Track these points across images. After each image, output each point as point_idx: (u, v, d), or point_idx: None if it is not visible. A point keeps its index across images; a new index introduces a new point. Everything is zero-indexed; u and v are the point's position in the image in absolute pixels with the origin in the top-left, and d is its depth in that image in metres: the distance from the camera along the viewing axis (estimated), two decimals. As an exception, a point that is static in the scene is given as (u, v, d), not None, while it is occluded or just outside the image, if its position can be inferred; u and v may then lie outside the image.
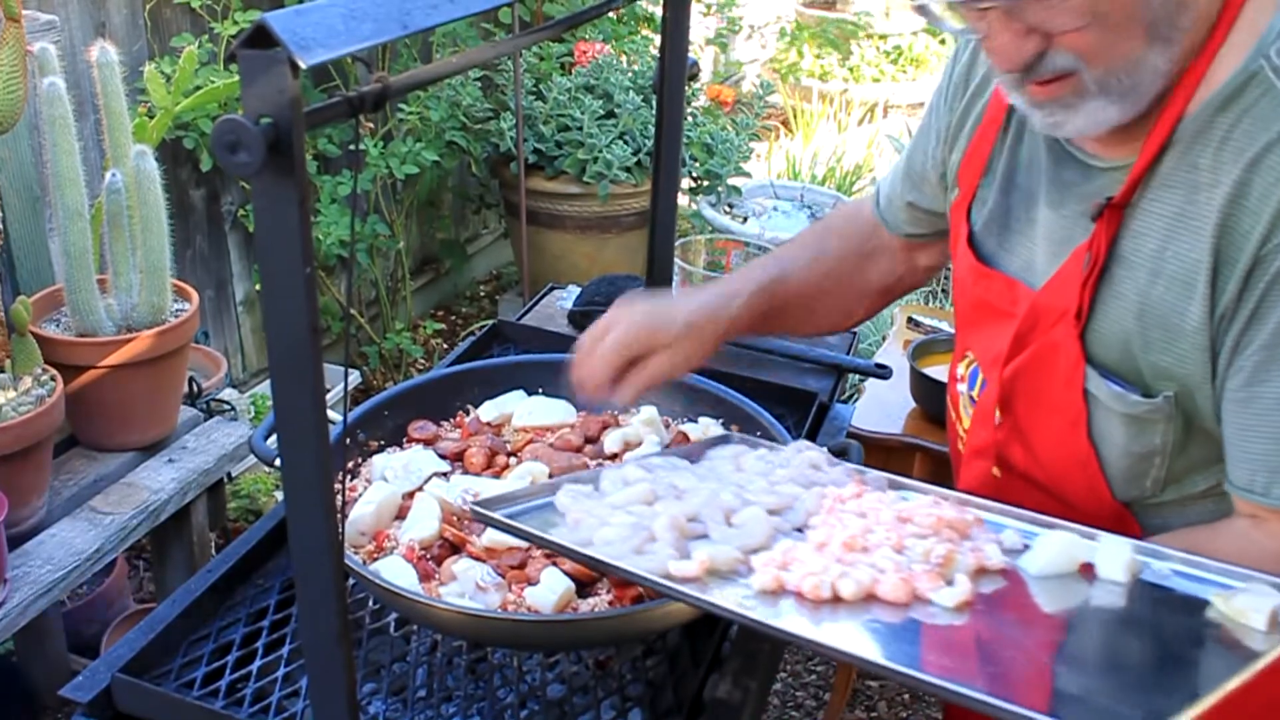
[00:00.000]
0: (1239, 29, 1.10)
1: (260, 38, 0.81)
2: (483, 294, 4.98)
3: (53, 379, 2.00)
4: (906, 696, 2.93)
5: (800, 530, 1.22)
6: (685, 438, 1.65)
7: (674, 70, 1.68)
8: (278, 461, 0.99)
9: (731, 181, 4.30)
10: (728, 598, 1.11)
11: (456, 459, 1.59)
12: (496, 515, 1.26)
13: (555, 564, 1.36)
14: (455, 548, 1.41)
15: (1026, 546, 1.17)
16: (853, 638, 1.04)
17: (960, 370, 1.46)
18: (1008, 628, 1.06)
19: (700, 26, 5.53)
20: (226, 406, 2.51)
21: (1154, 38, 1.09)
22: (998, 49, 1.13)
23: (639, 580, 1.15)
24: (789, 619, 1.07)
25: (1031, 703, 0.90)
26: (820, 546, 1.15)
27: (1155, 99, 1.14)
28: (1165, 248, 1.14)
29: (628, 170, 3.96)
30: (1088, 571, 1.13)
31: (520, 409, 1.67)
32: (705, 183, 4.25)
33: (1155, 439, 1.22)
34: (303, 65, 0.81)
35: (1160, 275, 1.15)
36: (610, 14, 4.49)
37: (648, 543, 1.19)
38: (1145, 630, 1.07)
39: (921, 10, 1.15)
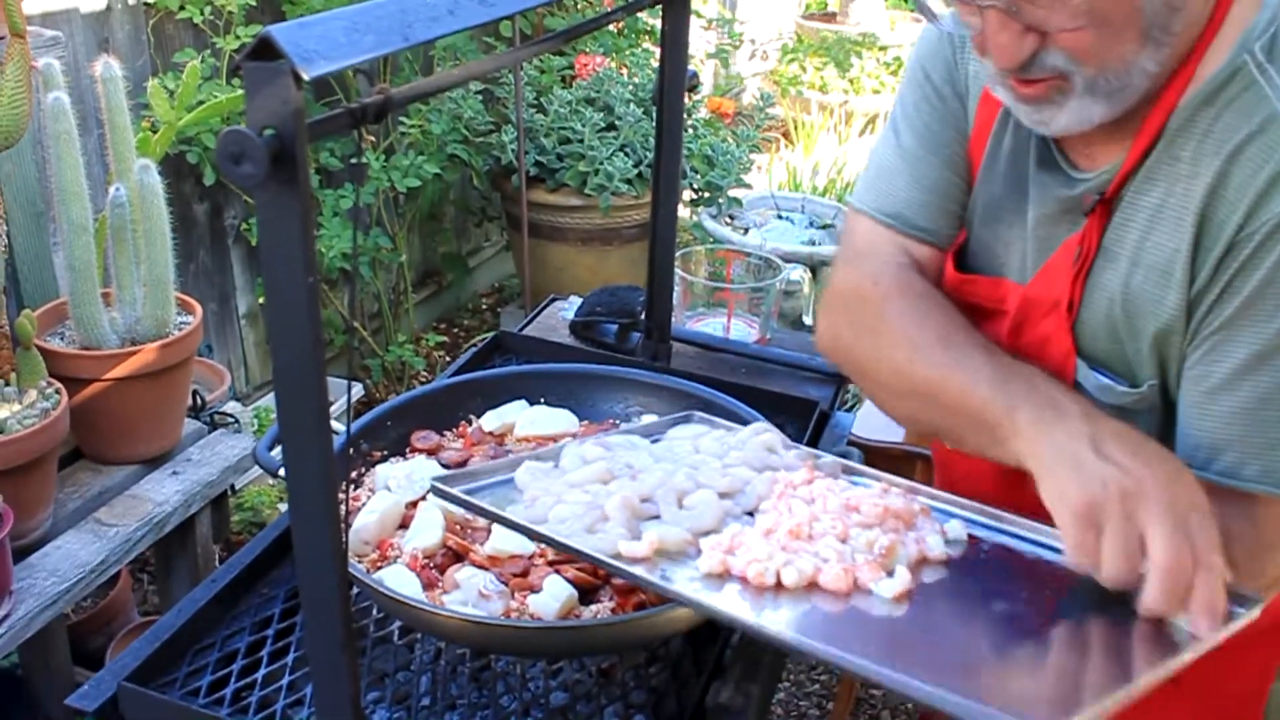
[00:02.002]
0: (1226, 26, 1.12)
1: (264, 50, 0.82)
2: (485, 306, 4.99)
3: (57, 392, 2.01)
4: (910, 706, 2.93)
5: (750, 514, 1.25)
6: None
7: (673, 82, 1.70)
8: (282, 472, 1.00)
9: (732, 193, 4.32)
10: (674, 579, 1.15)
11: (459, 468, 1.60)
12: (454, 491, 1.29)
13: (558, 571, 1.37)
14: (458, 556, 1.42)
15: (972, 537, 1.20)
16: (789, 624, 1.08)
17: None
18: (943, 618, 1.10)
19: (702, 40, 5.55)
20: (230, 419, 2.52)
21: (1147, 40, 1.10)
22: (995, 47, 1.13)
23: (589, 559, 1.19)
24: (730, 603, 1.12)
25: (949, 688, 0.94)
26: (767, 533, 1.19)
27: (1141, 98, 1.15)
28: (1146, 238, 1.16)
29: (629, 182, 3.98)
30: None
31: (522, 419, 1.68)
32: (706, 194, 4.26)
33: (1140, 429, 1.22)
34: (306, 77, 0.82)
35: (1140, 265, 1.17)
36: (610, 27, 4.52)
37: (600, 522, 1.23)
38: (1076, 623, 1.10)
39: (920, 7, 1.16)
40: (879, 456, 2.45)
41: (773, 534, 1.18)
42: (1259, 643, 1.24)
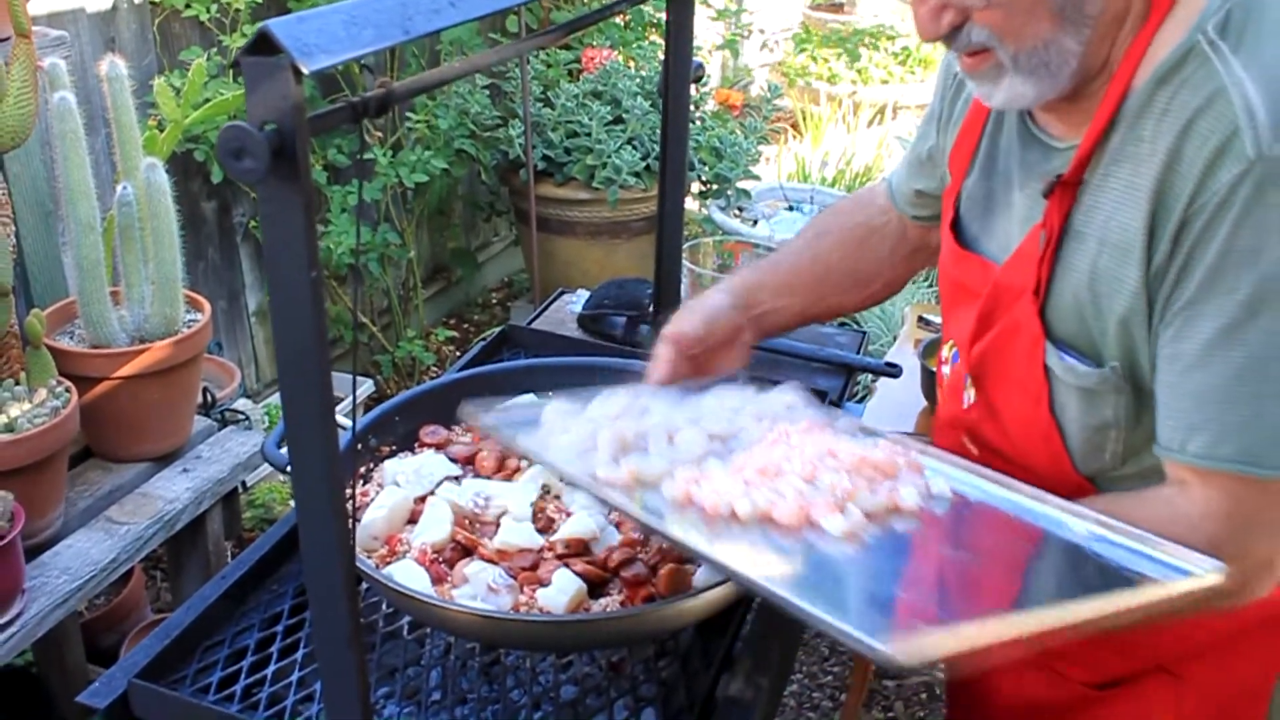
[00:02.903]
0: (1181, 7, 1.13)
1: (264, 45, 0.82)
2: (494, 301, 4.99)
3: (67, 391, 2.01)
4: (924, 695, 2.92)
5: None
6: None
7: (678, 73, 1.69)
8: (290, 468, 1.00)
9: (741, 185, 4.31)
10: (638, 503, 1.19)
11: (468, 463, 1.60)
12: (483, 416, 1.39)
13: (567, 565, 1.37)
14: (467, 551, 1.42)
15: (958, 494, 1.22)
16: (736, 552, 1.12)
17: (944, 353, 1.47)
18: (887, 560, 1.12)
19: (711, 32, 5.54)
20: (240, 416, 2.52)
21: (1063, 20, 1.13)
22: (916, 19, 1.19)
23: (565, 476, 1.26)
24: (682, 528, 1.16)
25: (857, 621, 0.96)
26: (737, 469, 1.22)
27: (1098, 78, 1.18)
28: (1111, 218, 1.16)
29: (636, 175, 3.97)
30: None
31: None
32: (715, 186, 4.25)
33: (1108, 411, 1.23)
34: (305, 71, 0.82)
35: (1106, 244, 1.17)
36: (617, 20, 4.51)
37: (590, 451, 1.26)
38: (1034, 581, 1.13)
39: None
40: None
41: (741, 470, 1.21)
42: (1260, 639, 1.24)
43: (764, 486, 1.19)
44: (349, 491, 1.02)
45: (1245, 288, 1.05)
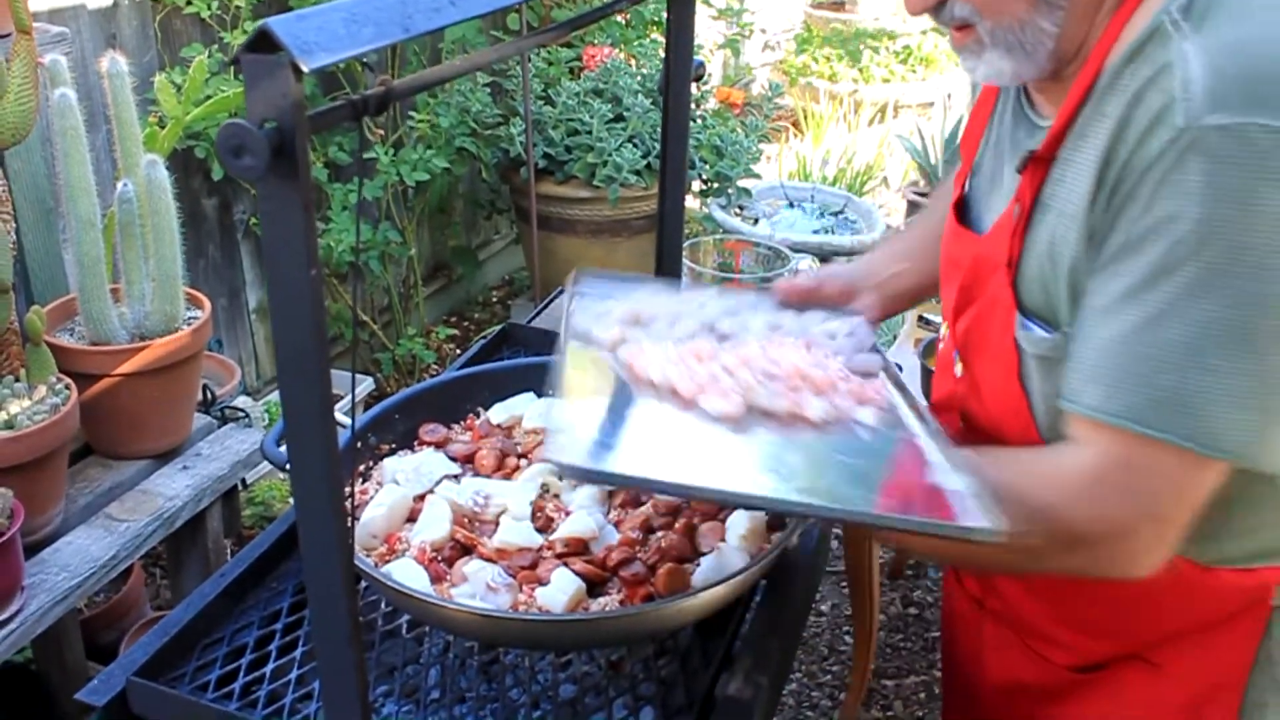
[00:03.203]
0: None
1: (263, 42, 0.82)
2: (495, 299, 4.99)
3: (67, 388, 2.01)
4: (923, 695, 2.92)
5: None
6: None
7: (679, 71, 1.69)
8: (289, 466, 1.00)
9: (742, 183, 4.31)
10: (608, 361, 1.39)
11: (467, 461, 1.60)
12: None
13: (566, 564, 1.37)
14: (466, 549, 1.42)
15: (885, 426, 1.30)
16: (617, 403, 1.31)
17: (942, 332, 1.49)
18: (745, 443, 1.24)
19: (712, 31, 5.54)
20: (240, 413, 2.52)
21: (1038, 2, 1.17)
22: None
23: (568, 328, 1.45)
24: (597, 377, 1.35)
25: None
26: (678, 350, 1.38)
27: (1076, 58, 1.20)
28: (1070, 189, 1.18)
29: (637, 174, 3.97)
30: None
31: (531, 411, 1.68)
32: (715, 185, 4.25)
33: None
34: (305, 69, 0.82)
35: (1063, 215, 1.18)
36: (618, 18, 4.51)
37: (605, 315, 1.48)
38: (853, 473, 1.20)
39: None
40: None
41: (684, 353, 1.37)
42: (1231, 631, 1.24)
43: (683, 365, 1.33)
44: (348, 489, 1.02)
45: (1156, 251, 1.05)
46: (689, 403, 1.28)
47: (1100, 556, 1.14)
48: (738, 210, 4.47)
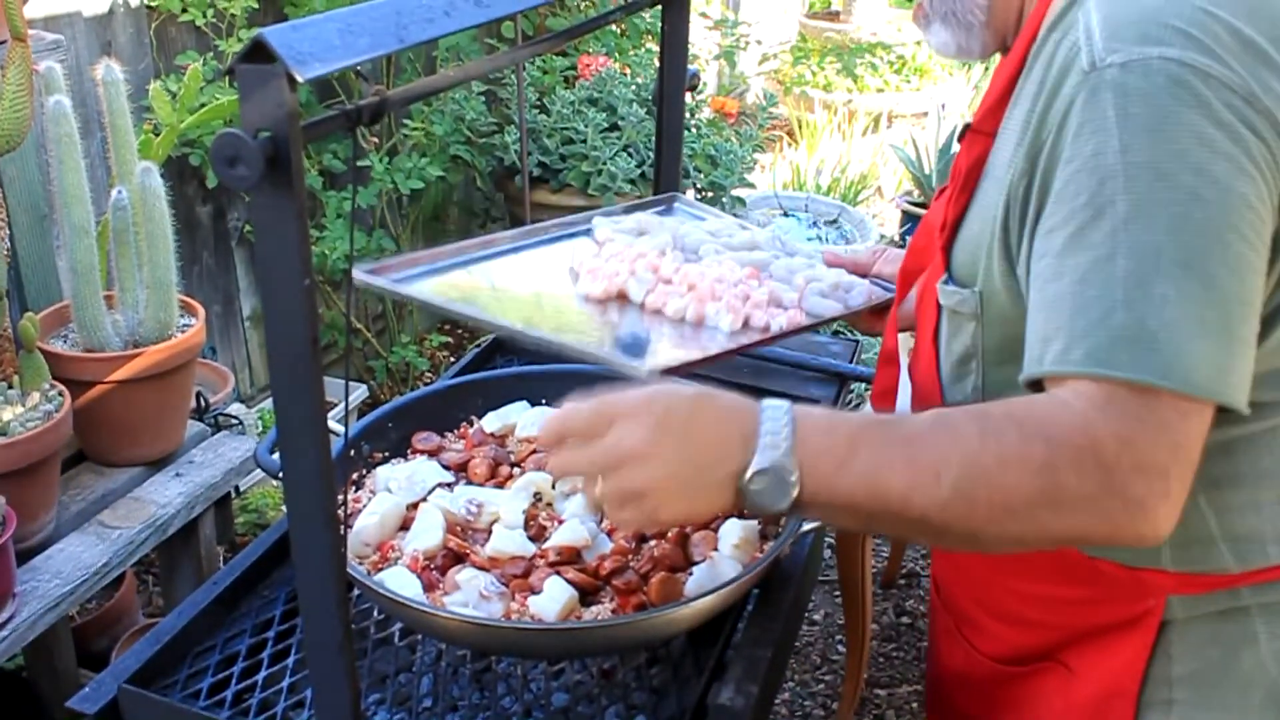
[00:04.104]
0: None
1: (258, 53, 0.83)
2: (489, 307, 4.98)
3: (60, 394, 2.01)
4: (915, 705, 2.92)
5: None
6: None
7: (673, 81, 1.70)
8: (282, 474, 1.00)
9: (736, 193, 4.31)
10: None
11: (460, 470, 1.60)
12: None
13: (559, 573, 1.37)
14: (459, 557, 1.42)
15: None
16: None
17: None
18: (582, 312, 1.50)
19: (708, 41, 5.55)
20: (234, 421, 2.52)
21: None
22: None
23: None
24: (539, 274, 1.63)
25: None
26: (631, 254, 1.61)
27: (1015, 34, 1.25)
28: (1001, 155, 1.19)
29: (632, 182, 3.97)
30: None
31: (523, 420, 1.68)
32: (710, 194, 4.26)
33: (967, 338, 1.26)
34: (300, 79, 0.82)
35: (999, 180, 1.18)
36: (613, 28, 4.52)
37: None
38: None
39: None
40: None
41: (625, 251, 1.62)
42: (1124, 636, 1.23)
43: (620, 264, 1.58)
44: (341, 497, 1.03)
45: (1085, 194, 1.04)
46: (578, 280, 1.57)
47: (1115, 485, 0.99)
48: (732, 219, 4.47)
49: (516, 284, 1.60)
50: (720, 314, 1.52)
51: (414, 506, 1.50)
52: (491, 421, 1.69)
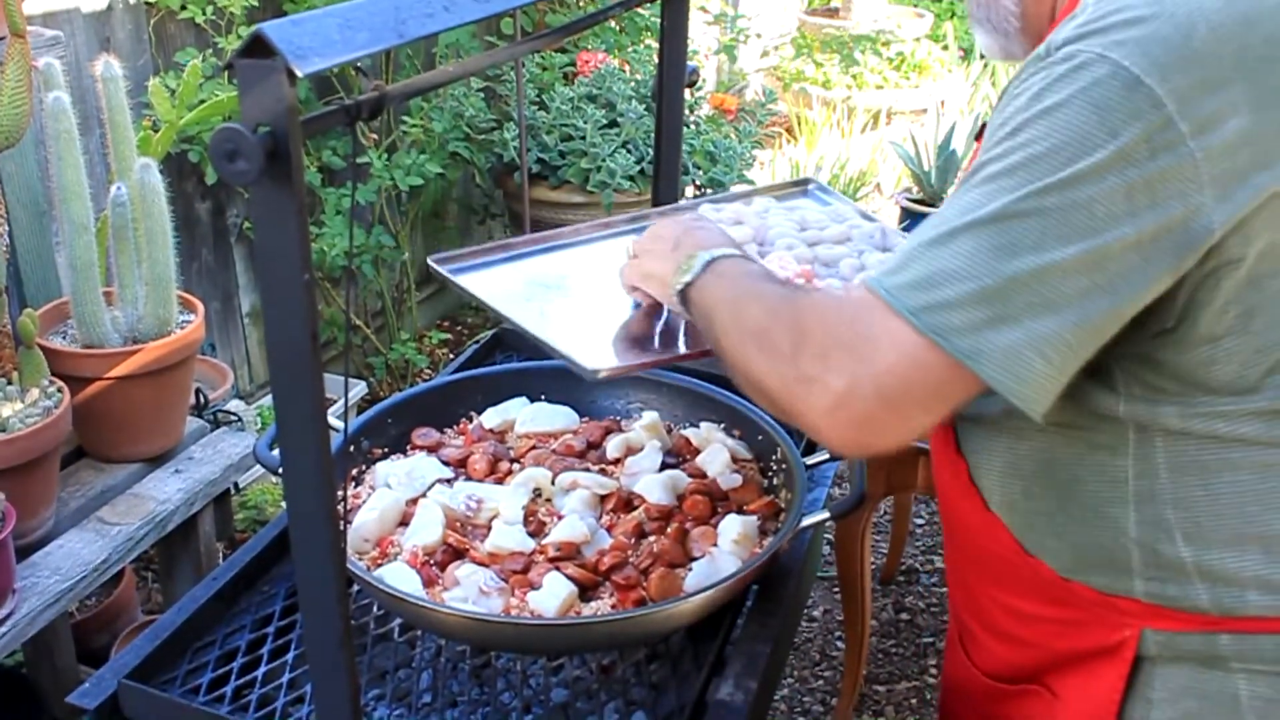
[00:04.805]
0: None
1: (257, 47, 0.82)
2: (488, 304, 4.98)
3: (59, 391, 2.01)
4: (914, 701, 2.93)
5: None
6: (687, 442, 1.66)
7: (672, 77, 1.70)
8: (281, 470, 1.00)
9: (735, 189, 4.31)
10: None
11: (460, 465, 1.60)
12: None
13: (558, 569, 1.37)
14: (458, 553, 1.42)
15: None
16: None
17: None
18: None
19: (707, 36, 5.55)
20: (233, 417, 2.52)
21: None
22: None
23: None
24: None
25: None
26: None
27: (1029, 38, 1.27)
28: None
29: (631, 179, 3.97)
30: None
31: (523, 416, 1.68)
32: (709, 190, 4.26)
33: None
34: (299, 74, 0.82)
35: None
36: (612, 24, 4.52)
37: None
38: None
39: None
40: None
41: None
42: (1100, 666, 1.22)
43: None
44: (340, 493, 1.03)
45: (983, 153, 1.06)
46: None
47: (798, 353, 1.07)
48: (731, 216, 4.47)
49: (588, 274, 1.64)
50: None
51: (413, 502, 1.50)
52: (491, 417, 1.70)
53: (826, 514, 1.50)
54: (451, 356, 4.40)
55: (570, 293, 1.55)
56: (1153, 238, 1.00)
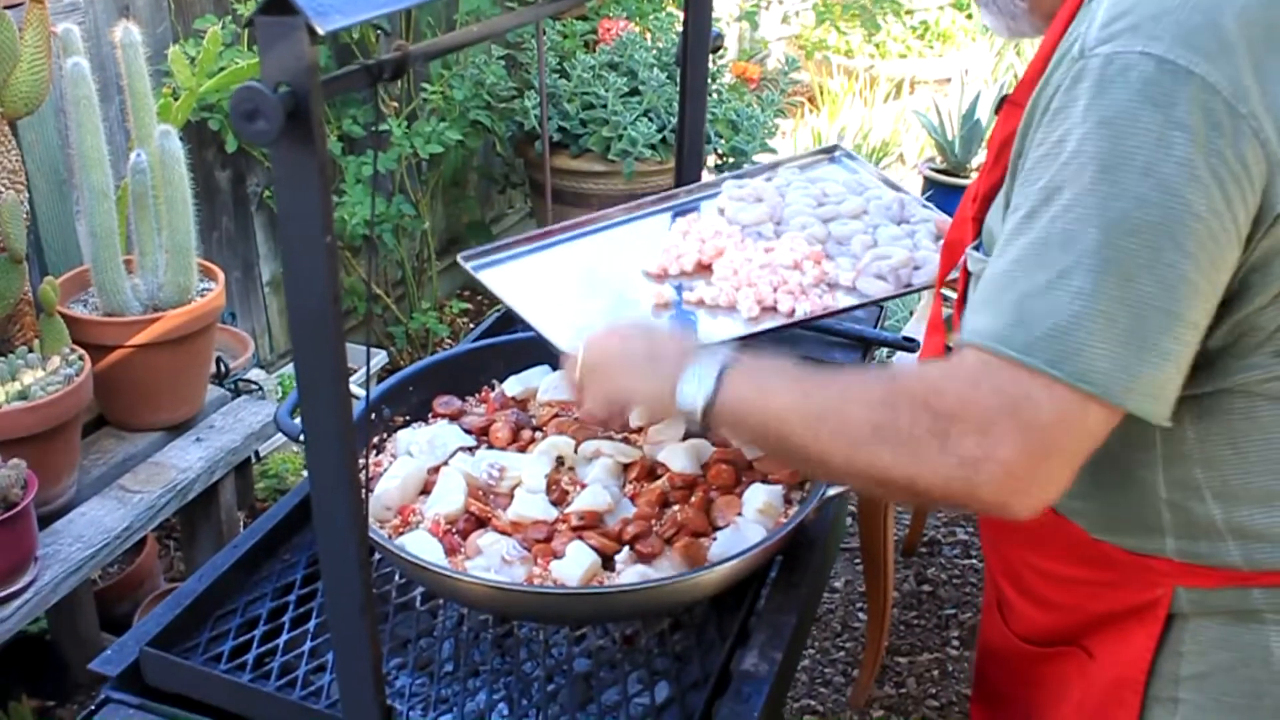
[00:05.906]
0: None
1: (278, 5, 0.81)
2: (509, 274, 4.96)
3: (81, 359, 2.01)
4: (935, 672, 2.92)
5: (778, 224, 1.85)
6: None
7: (697, 42, 1.67)
8: (303, 437, 0.99)
9: (757, 158, 4.28)
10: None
11: (481, 434, 1.59)
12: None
13: (581, 538, 1.36)
14: (481, 522, 1.41)
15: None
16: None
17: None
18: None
19: (729, 2, 5.50)
20: (254, 386, 2.51)
21: None
22: None
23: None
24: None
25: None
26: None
27: (1039, 20, 1.26)
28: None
29: (652, 148, 3.94)
30: None
31: (545, 384, 1.67)
32: (731, 159, 4.23)
33: None
34: (321, 31, 0.81)
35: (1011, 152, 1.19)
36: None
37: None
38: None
39: None
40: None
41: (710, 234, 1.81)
42: (1132, 626, 1.22)
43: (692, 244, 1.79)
44: (362, 461, 1.01)
45: (1045, 176, 1.04)
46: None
47: (943, 434, 1.03)
48: (753, 185, 4.44)
49: (616, 253, 1.79)
50: (746, 300, 1.69)
51: (435, 470, 1.49)
52: (513, 385, 1.68)
53: (851, 484, 1.48)
54: (472, 326, 4.39)
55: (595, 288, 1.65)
56: (1246, 220, 1.01)
